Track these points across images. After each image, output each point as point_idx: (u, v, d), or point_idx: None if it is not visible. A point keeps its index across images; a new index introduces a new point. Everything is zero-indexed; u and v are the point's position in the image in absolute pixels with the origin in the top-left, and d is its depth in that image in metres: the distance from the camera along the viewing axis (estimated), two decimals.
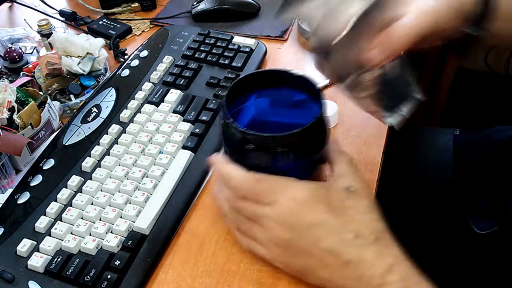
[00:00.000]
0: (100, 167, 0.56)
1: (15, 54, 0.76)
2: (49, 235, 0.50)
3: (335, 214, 0.40)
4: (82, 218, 0.51)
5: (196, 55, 0.71)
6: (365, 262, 0.38)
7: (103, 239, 0.49)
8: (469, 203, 0.70)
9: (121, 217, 0.51)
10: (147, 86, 0.66)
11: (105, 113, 0.63)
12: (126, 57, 0.76)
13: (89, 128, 0.61)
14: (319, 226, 0.39)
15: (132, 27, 0.84)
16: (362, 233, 0.39)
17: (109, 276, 0.46)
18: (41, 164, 0.57)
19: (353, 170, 0.44)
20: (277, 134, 0.40)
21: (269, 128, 0.41)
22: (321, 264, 0.40)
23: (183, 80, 0.67)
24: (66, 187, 0.55)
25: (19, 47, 0.79)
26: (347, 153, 0.46)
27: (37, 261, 0.48)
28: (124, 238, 0.49)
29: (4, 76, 0.73)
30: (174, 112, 0.63)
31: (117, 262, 0.47)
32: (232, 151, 0.44)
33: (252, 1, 0.85)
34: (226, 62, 0.70)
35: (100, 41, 0.74)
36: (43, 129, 0.62)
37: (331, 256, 0.39)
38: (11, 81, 0.69)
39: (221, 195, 0.46)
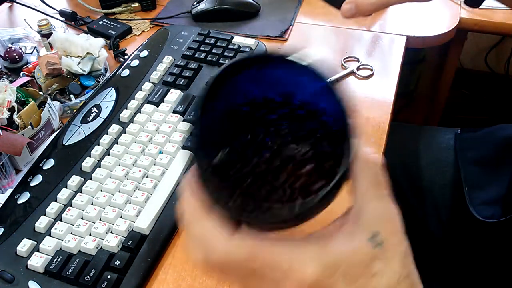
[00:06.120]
0: (100, 167, 0.56)
1: (15, 54, 0.76)
2: (49, 235, 0.50)
3: None
4: (82, 218, 0.51)
5: (196, 55, 0.71)
6: None
7: (103, 239, 0.49)
8: (469, 193, 0.69)
9: (121, 217, 0.51)
10: (147, 86, 0.66)
11: (105, 113, 0.63)
12: (126, 57, 0.76)
13: (89, 128, 0.61)
14: None
15: (132, 27, 0.84)
16: None
17: (109, 276, 0.46)
18: (41, 164, 0.57)
19: (379, 195, 0.30)
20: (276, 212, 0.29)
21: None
22: None
23: (183, 80, 0.67)
24: (66, 187, 0.54)
25: (19, 47, 0.79)
26: (373, 161, 0.30)
27: (37, 261, 0.48)
28: (124, 238, 0.49)
29: (4, 76, 0.73)
30: (174, 112, 0.63)
31: (117, 262, 0.47)
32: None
33: (252, 1, 0.85)
34: (226, 62, 0.70)
35: (100, 41, 0.74)
36: (43, 129, 0.62)
37: None
38: (11, 81, 0.69)
39: (196, 254, 0.31)
